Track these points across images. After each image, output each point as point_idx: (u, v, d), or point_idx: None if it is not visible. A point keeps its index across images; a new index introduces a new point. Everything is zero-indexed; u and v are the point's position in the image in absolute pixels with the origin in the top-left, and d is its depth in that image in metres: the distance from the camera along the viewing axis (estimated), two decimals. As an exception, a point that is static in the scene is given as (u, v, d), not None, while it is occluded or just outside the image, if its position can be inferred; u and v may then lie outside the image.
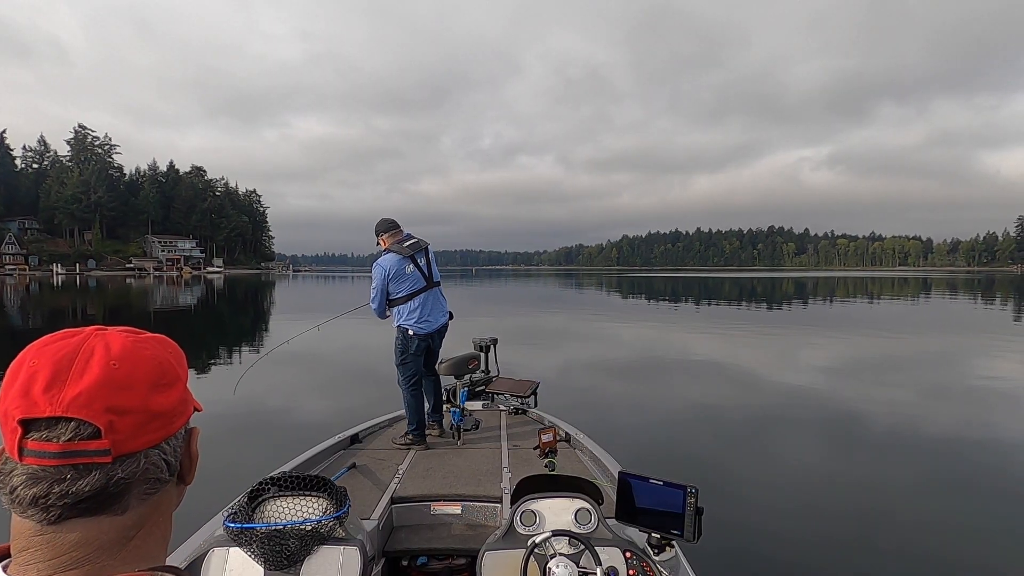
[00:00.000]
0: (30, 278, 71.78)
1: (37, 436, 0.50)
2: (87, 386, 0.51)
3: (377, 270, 4.12)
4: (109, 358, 0.53)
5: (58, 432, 0.50)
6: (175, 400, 0.57)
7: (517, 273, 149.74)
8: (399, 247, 4.14)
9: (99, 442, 0.50)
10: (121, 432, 0.52)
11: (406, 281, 4.13)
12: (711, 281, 65.86)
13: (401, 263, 4.10)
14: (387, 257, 4.12)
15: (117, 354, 0.54)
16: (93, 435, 0.51)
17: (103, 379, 0.52)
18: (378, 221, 4.34)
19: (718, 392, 8.80)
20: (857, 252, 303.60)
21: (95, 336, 0.56)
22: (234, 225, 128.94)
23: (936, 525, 4.30)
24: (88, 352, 0.54)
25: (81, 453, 0.50)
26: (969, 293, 38.33)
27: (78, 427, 0.50)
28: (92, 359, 0.53)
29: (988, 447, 6.10)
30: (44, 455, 0.50)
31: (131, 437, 0.53)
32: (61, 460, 0.50)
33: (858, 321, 20.29)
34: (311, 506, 2.42)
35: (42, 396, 0.50)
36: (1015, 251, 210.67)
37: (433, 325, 4.22)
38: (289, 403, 7.69)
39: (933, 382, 9.70)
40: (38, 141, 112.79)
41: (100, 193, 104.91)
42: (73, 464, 0.50)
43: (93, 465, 0.51)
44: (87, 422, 0.50)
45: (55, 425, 0.50)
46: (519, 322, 19.21)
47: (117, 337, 0.56)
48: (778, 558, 3.79)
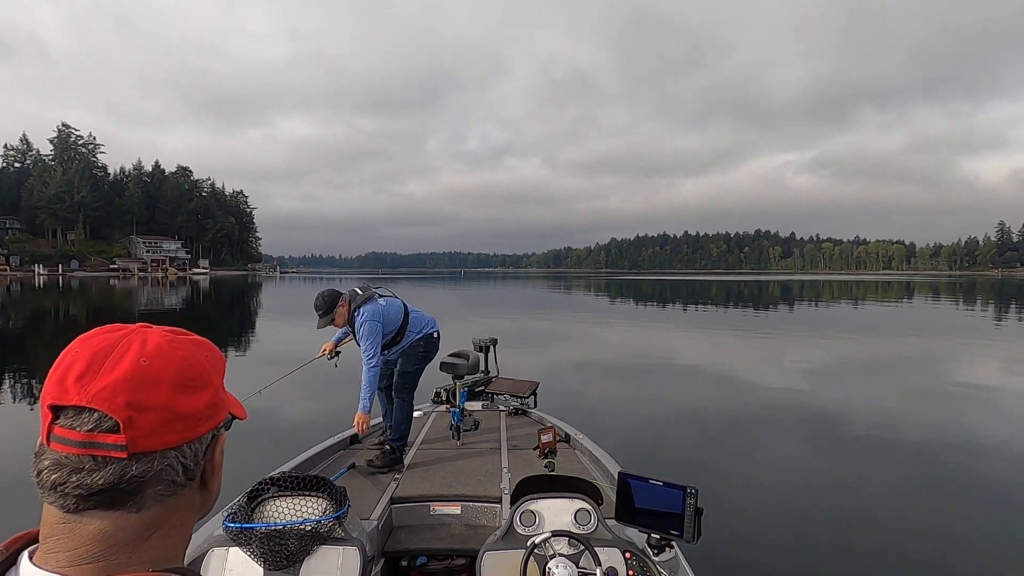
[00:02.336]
0: (11, 279, 70.49)
1: (64, 423, 0.51)
2: (114, 379, 0.52)
3: (370, 324, 3.75)
4: (142, 354, 0.54)
5: (81, 421, 0.51)
6: (202, 404, 0.57)
7: (506, 275, 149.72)
8: (355, 299, 3.87)
9: (116, 436, 0.51)
10: (140, 429, 0.52)
11: (392, 306, 3.96)
12: (698, 284, 66.29)
13: (375, 304, 3.85)
14: (367, 308, 3.81)
15: (150, 351, 0.55)
16: (112, 428, 0.51)
17: (131, 374, 0.53)
18: (323, 299, 3.84)
19: (716, 393, 8.87)
20: (842, 256, 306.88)
21: (136, 332, 0.57)
22: (220, 226, 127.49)
23: (925, 526, 4.37)
24: (125, 347, 0.54)
25: (99, 445, 0.51)
26: (951, 297, 38.93)
27: (100, 419, 0.51)
28: (127, 354, 0.54)
29: (978, 449, 6.20)
30: (67, 442, 0.51)
31: (149, 435, 0.53)
32: (81, 449, 0.51)
33: (845, 324, 20.53)
34: (310, 506, 2.41)
35: (74, 385, 0.52)
36: (995, 255, 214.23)
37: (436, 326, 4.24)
38: (289, 403, 7.62)
39: (917, 385, 9.84)
40: (20, 140, 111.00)
41: (84, 193, 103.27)
42: (92, 455, 0.51)
43: (109, 459, 0.51)
44: (108, 415, 0.51)
45: (80, 414, 0.51)
46: (514, 324, 19.20)
47: (156, 335, 0.57)
48: (778, 559, 3.83)
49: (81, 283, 58.62)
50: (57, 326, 19.23)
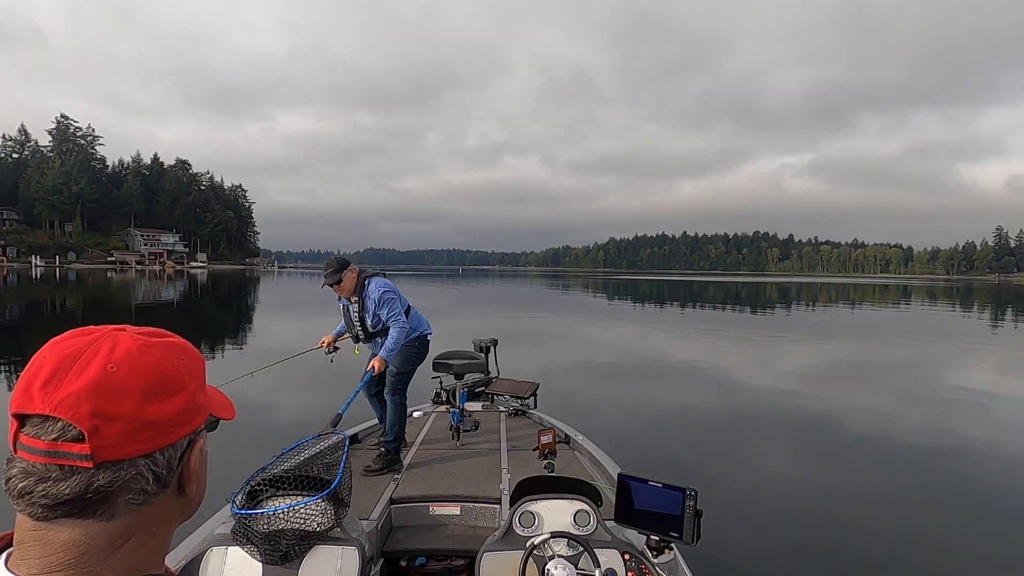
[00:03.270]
0: (8, 269, 70.34)
1: (29, 431, 0.50)
2: (79, 387, 0.50)
3: (389, 292, 3.87)
4: (109, 360, 0.52)
5: (46, 430, 0.50)
6: (173, 410, 0.55)
7: (504, 273, 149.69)
8: (370, 270, 4.04)
9: (81, 446, 0.50)
10: (105, 439, 0.50)
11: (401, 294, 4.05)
12: (696, 285, 66.36)
13: (387, 280, 4.03)
14: (378, 280, 3.96)
15: (118, 357, 0.53)
16: (77, 438, 0.50)
17: (96, 382, 0.51)
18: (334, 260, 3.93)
19: (716, 396, 8.88)
20: (840, 259, 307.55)
21: (107, 336, 0.54)
22: (219, 220, 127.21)
23: (921, 529, 4.40)
24: (94, 352, 0.52)
25: (64, 454, 0.50)
26: (948, 301, 39.05)
27: (64, 428, 0.50)
28: (94, 360, 0.52)
29: (973, 453, 6.23)
30: (32, 451, 0.50)
31: (116, 445, 0.51)
32: (46, 458, 0.50)
33: (842, 328, 20.59)
34: (310, 506, 2.41)
35: (39, 392, 0.50)
36: (992, 260, 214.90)
37: None
38: (287, 402, 7.59)
39: (914, 390, 9.88)
40: (18, 130, 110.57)
41: (82, 184, 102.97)
42: (59, 464, 0.50)
43: (76, 468, 0.50)
44: (72, 424, 0.50)
45: (44, 423, 0.50)
46: (513, 324, 19.21)
47: (127, 339, 0.55)
48: (776, 561, 3.84)
49: (78, 275, 58.48)
50: (53, 318, 19.16)
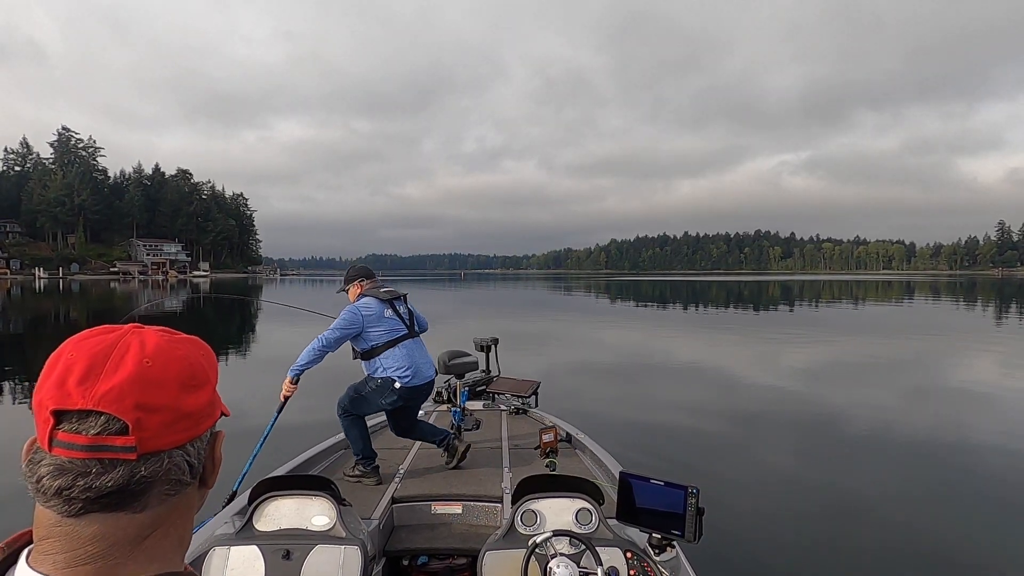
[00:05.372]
0: (11, 282, 70.59)
1: (68, 428, 0.51)
2: (119, 381, 0.52)
3: (348, 314, 3.55)
4: (143, 355, 0.54)
5: (88, 425, 0.51)
6: (204, 401, 0.58)
7: (506, 277, 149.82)
8: (375, 291, 3.74)
9: (126, 438, 0.51)
10: (148, 430, 0.52)
11: (384, 325, 3.60)
12: (699, 285, 66.31)
13: (380, 306, 3.64)
14: (364, 299, 3.67)
15: (151, 352, 0.55)
16: (121, 431, 0.51)
17: (136, 375, 0.52)
18: (350, 268, 3.95)
19: (717, 394, 8.87)
20: (842, 256, 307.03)
21: (132, 333, 0.56)
22: (221, 229, 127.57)
23: (925, 525, 4.38)
24: (124, 348, 0.54)
25: (108, 448, 0.51)
26: (951, 296, 38.93)
27: (108, 421, 0.51)
28: (127, 355, 0.54)
29: (977, 449, 6.21)
30: (73, 447, 0.50)
31: (158, 435, 0.53)
32: (89, 453, 0.50)
33: (845, 325, 20.54)
34: (312, 506, 2.42)
35: (76, 388, 0.51)
36: (995, 255, 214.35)
37: (421, 378, 3.64)
38: (288, 403, 7.59)
39: (917, 385, 9.84)
40: (20, 143, 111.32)
41: (84, 196, 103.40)
42: (99, 458, 0.51)
43: (118, 461, 0.51)
44: (116, 417, 0.51)
45: (86, 418, 0.51)
46: (515, 325, 19.22)
47: (153, 335, 0.57)
48: (779, 559, 3.83)
49: (82, 286, 58.69)
50: (58, 329, 19.23)
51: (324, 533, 2.33)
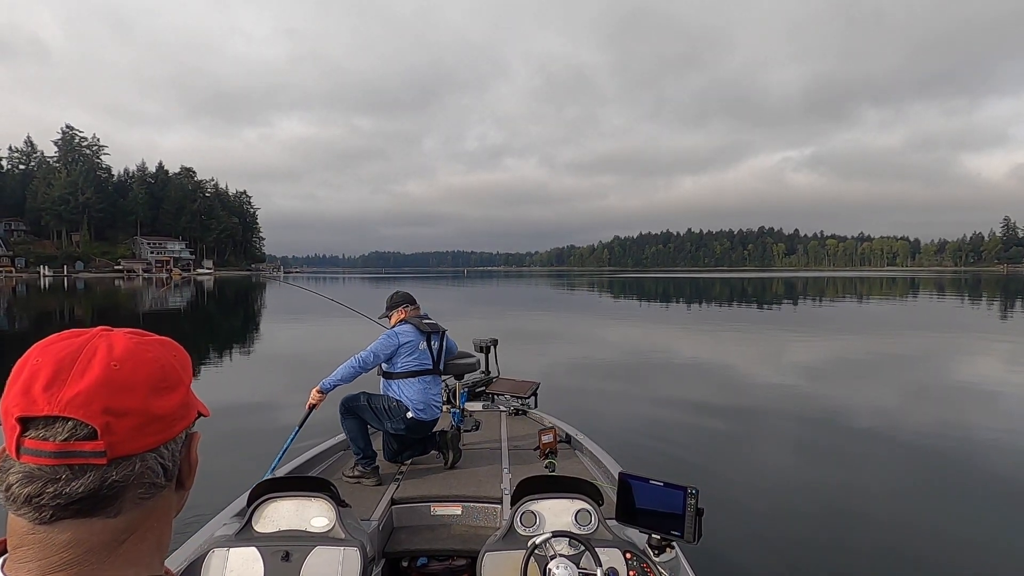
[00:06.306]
0: (17, 280, 70.95)
1: (35, 434, 0.50)
2: (86, 386, 0.51)
3: (386, 338, 3.67)
4: (111, 359, 0.53)
5: (55, 431, 0.50)
6: (176, 404, 0.57)
7: (509, 274, 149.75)
8: (417, 321, 3.82)
9: (95, 443, 0.50)
10: (118, 434, 0.51)
11: (415, 356, 3.72)
12: (702, 282, 66.18)
13: (418, 337, 3.75)
14: (404, 326, 3.77)
15: (119, 355, 0.54)
16: (90, 436, 0.50)
17: (103, 379, 0.51)
18: (393, 294, 4.01)
19: (718, 393, 8.84)
20: (846, 252, 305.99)
21: (100, 336, 0.56)
22: (224, 226, 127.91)
23: (925, 526, 4.36)
24: (91, 352, 0.53)
25: (77, 453, 0.50)
26: (956, 292, 38.77)
27: (75, 427, 0.50)
28: (94, 359, 0.53)
29: (979, 447, 6.18)
30: (40, 454, 0.50)
31: (128, 439, 0.52)
32: (57, 460, 0.50)
33: (849, 322, 20.47)
34: (311, 507, 2.43)
35: (42, 394, 0.50)
36: (1001, 251, 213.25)
37: (430, 415, 3.74)
38: (288, 405, 7.61)
39: (919, 384, 9.81)
40: (25, 142, 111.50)
41: (88, 194, 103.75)
42: (68, 464, 0.50)
43: (88, 466, 0.50)
44: (84, 422, 0.50)
45: (52, 424, 0.50)
46: (515, 324, 19.22)
47: (121, 338, 0.56)
48: (779, 559, 3.82)
49: (86, 284, 58.91)
50: (63, 327, 19.28)
51: (323, 534, 2.34)
